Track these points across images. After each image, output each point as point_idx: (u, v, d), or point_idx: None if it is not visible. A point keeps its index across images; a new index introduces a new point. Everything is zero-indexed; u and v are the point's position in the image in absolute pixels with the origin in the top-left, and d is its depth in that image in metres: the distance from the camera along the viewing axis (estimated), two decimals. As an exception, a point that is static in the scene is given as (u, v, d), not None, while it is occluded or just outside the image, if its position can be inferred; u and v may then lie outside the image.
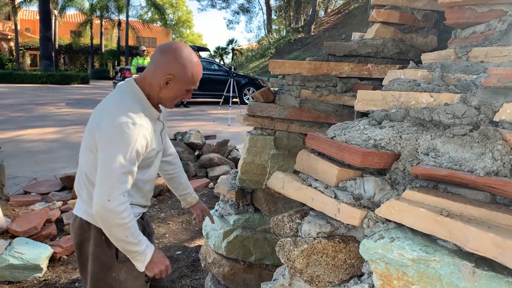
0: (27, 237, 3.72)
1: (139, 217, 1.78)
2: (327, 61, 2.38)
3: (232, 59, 39.33)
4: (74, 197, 4.78)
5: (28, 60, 37.49)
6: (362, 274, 1.40)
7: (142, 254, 1.62)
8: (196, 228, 4.31)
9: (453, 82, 1.58)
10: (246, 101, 15.65)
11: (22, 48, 35.27)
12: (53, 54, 27.35)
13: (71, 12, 39.14)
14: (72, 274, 3.33)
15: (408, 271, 1.16)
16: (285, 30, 37.90)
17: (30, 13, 41.12)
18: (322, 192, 1.43)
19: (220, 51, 39.86)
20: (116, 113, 1.52)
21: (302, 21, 36.49)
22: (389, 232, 1.26)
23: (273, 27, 39.15)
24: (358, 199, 1.37)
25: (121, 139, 1.49)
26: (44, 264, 3.35)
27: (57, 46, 34.59)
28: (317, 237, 1.40)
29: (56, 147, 7.55)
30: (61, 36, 38.33)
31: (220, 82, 14.85)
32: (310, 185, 1.50)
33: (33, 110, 12.14)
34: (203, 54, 20.66)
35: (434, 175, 1.21)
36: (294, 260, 1.39)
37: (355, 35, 2.86)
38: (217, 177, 5.64)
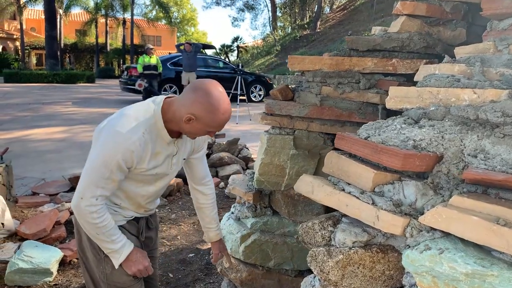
0: (36, 239, 3.63)
1: (130, 219, 1.77)
2: (349, 56, 2.26)
3: (237, 56, 39.20)
4: (83, 198, 4.70)
5: (33, 60, 37.56)
6: (402, 287, 1.29)
7: (117, 252, 1.63)
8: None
9: (496, 77, 1.46)
10: (253, 99, 15.54)
11: (28, 47, 35.31)
12: (58, 53, 27.35)
13: (76, 11, 39.09)
14: (83, 278, 3.24)
15: (460, 286, 1.05)
16: (290, 27, 37.66)
17: (35, 12, 41.15)
18: (358, 198, 1.32)
19: (225, 49, 39.74)
20: (118, 121, 1.52)
21: (308, 17, 36.23)
22: (435, 242, 1.15)
23: (278, 24, 38.91)
24: (398, 205, 1.26)
25: (107, 146, 1.49)
26: (54, 268, 3.27)
27: (62, 45, 34.59)
28: (353, 247, 1.29)
29: (63, 146, 7.47)
30: (66, 35, 38.33)
31: (226, 80, 14.73)
32: (343, 190, 1.39)
33: (40, 110, 12.09)
34: (209, 51, 20.56)
35: (488, 179, 1.09)
36: (329, 272, 1.29)
37: (376, 29, 2.74)
38: (228, 176, 5.54)
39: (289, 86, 2.40)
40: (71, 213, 4.29)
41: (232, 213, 2.64)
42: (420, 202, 1.26)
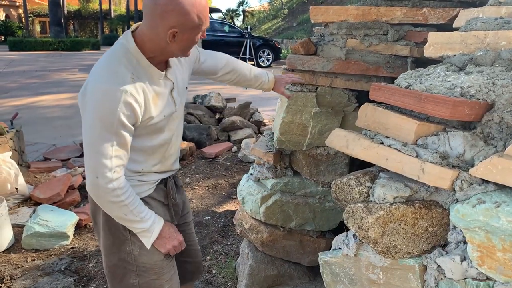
0: (50, 204, 3.62)
1: (156, 183, 1.60)
2: (376, 6, 2.11)
3: (243, 21, 38.43)
4: (96, 163, 4.66)
5: (37, 27, 37.15)
6: (447, 244, 1.21)
7: (147, 231, 1.47)
8: (223, 193, 4.17)
9: (550, 18, 1.33)
10: (261, 64, 15.28)
11: (31, 15, 34.87)
12: (62, 21, 26.95)
13: (78, -24, 38.28)
14: (99, 242, 3.23)
15: (518, 242, 0.97)
16: (297, -10, 36.63)
17: (37, -22, 40.35)
18: (399, 151, 1.22)
19: (231, 13, 38.91)
20: (98, 77, 1.31)
21: (315, -21, 35.18)
22: (489, 195, 1.06)
23: (285, -14, 37.87)
24: (444, 157, 1.16)
25: (100, 108, 1.28)
26: (70, 232, 3.26)
27: (66, 12, 34.08)
28: (394, 203, 1.21)
29: (72, 113, 7.41)
30: (70, 1, 37.70)
31: (233, 45, 14.47)
32: (382, 143, 1.29)
33: (47, 77, 11.98)
34: (215, 15, 20.12)
35: (553, 126, 0.99)
36: (368, 229, 1.21)
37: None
38: (240, 140, 5.47)
39: (311, 40, 2.27)
40: (84, 178, 4.27)
41: (251, 174, 2.57)
42: (469, 153, 1.16)
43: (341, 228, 2.17)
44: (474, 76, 1.23)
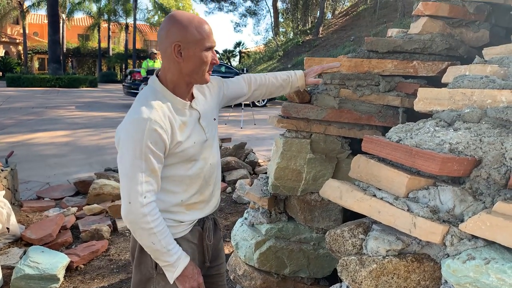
0: (42, 245, 3.57)
1: (192, 224, 1.61)
2: (368, 58, 2.20)
3: (240, 61, 39.23)
4: (89, 203, 4.64)
5: (36, 64, 37.65)
6: (439, 298, 1.22)
7: (172, 266, 1.49)
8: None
9: (532, 78, 1.40)
10: (257, 104, 15.49)
11: (30, 52, 35.42)
12: (61, 58, 27.38)
13: (78, 16, 39.19)
14: (90, 285, 3.17)
15: (509, 299, 0.98)
16: (292, 33, 37.67)
17: (38, 17, 41.30)
18: (391, 204, 1.25)
19: (228, 54, 39.76)
20: (129, 114, 1.44)
21: (310, 23, 36.26)
22: (479, 251, 1.08)
23: (281, 29, 38.93)
24: (435, 212, 1.19)
25: (130, 138, 1.39)
26: (61, 274, 3.20)
27: (65, 49, 34.69)
28: (387, 256, 1.23)
29: (68, 150, 7.42)
30: (69, 39, 38.46)
31: (230, 85, 14.66)
32: (374, 196, 1.33)
33: (43, 114, 12.05)
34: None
35: (538, 185, 1.03)
36: (361, 282, 1.22)
37: (393, 31, 2.68)
38: (235, 181, 5.48)
39: (306, 89, 2.34)
40: (77, 218, 4.24)
41: (246, 218, 2.57)
42: (458, 208, 1.19)
43: (335, 275, 2.16)
44: (462, 133, 1.28)
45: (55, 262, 3.20)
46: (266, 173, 2.70)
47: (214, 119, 1.69)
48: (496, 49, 1.66)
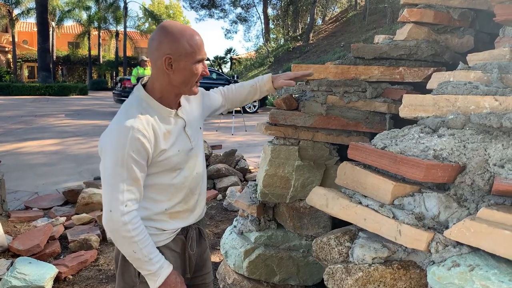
0: (29, 255, 3.52)
1: (176, 233, 1.60)
2: (355, 65, 2.21)
3: (231, 68, 39.28)
4: (78, 212, 4.59)
5: (25, 72, 37.39)
6: (426, 305, 1.22)
7: (154, 274, 1.47)
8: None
9: (515, 83, 1.41)
10: (248, 110, 15.50)
11: (20, 60, 35.19)
12: (51, 66, 27.23)
13: (68, 23, 39.13)
14: (78, 296, 3.13)
15: (493, 306, 0.98)
16: (283, 39, 37.87)
17: (27, 25, 41.07)
18: (377, 211, 1.25)
19: (219, 61, 39.80)
20: (113, 122, 1.43)
21: (300, 29, 36.49)
22: (463, 258, 1.08)
23: (271, 35, 39.09)
24: (420, 219, 1.19)
25: (111, 147, 1.38)
26: (48, 285, 3.15)
27: (54, 57, 34.52)
28: (373, 263, 1.22)
29: (57, 159, 7.35)
30: (59, 47, 38.28)
31: (221, 91, 14.64)
32: (360, 203, 1.32)
33: (33, 122, 11.94)
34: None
35: (520, 191, 1.03)
36: (348, 290, 1.21)
37: (379, 38, 2.70)
38: (225, 188, 5.46)
39: (293, 96, 2.34)
40: (66, 228, 4.18)
41: (235, 226, 2.56)
42: (443, 215, 1.19)
43: (325, 282, 2.15)
44: (446, 139, 1.28)
45: (42, 273, 3.15)
46: (255, 180, 2.69)
47: (200, 128, 1.69)
48: (480, 55, 1.67)
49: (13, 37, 32.45)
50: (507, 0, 1.61)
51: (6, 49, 35.64)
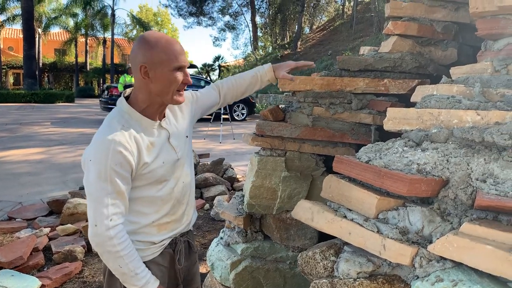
0: (12, 268, 3.44)
1: (163, 247, 1.58)
2: (340, 77, 2.22)
3: (219, 75, 39.31)
4: (63, 223, 4.52)
5: (11, 79, 36.95)
6: (411, 320, 1.22)
7: None
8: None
9: (496, 98, 1.43)
10: (236, 118, 15.51)
11: (5, 66, 34.76)
12: (37, 73, 26.96)
13: (55, 30, 38.79)
14: (62, 309, 3.07)
15: (477, 321, 0.98)
16: (271, 47, 38.03)
17: (13, 31, 40.67)
18: (361, 226, 1.25)
19: (207, 68, 39.80)
20: (95, 136, 1.42)
21: (288, 37, 36.71)
22: (447, 273, 1.08)
23: (260, 43, 39.25)
24: (404, 233, 1.20)
25: (94, 161, 1.37)
26: (31, 299, 3.09)
27: (41, 64, 34.21)
28: (358, 278, 1.22)
29: (41, 168, 7.24)
30: (45, 54, 37.94)
31: (209, 99, 14.62)
32: (345, 217, 1.32)
33: (17, 130, 11.78)
34: (191, 70, 20.53)
35: (502, 206, 1.04)
36: (333, 305, 1.21)
37: (365, 49, 2.73)
38: (213, 197, 5.43)
39: (280, 107, 2.35)
40: (50, 239, 4.12)
41: (221, 238, 2.54)
42: (427, 229, 1.20)
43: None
44: (429, 153, 1.29)
45: (25, 286, 3.09)
46: (243, 190, 2.68)
47: (187, 136, 1.67)
48: (462, 69, 1.69)
49: (-2, 43, 32.10)
50: (488, 15, 1.64)
51: (-9, 55, 35.17)
